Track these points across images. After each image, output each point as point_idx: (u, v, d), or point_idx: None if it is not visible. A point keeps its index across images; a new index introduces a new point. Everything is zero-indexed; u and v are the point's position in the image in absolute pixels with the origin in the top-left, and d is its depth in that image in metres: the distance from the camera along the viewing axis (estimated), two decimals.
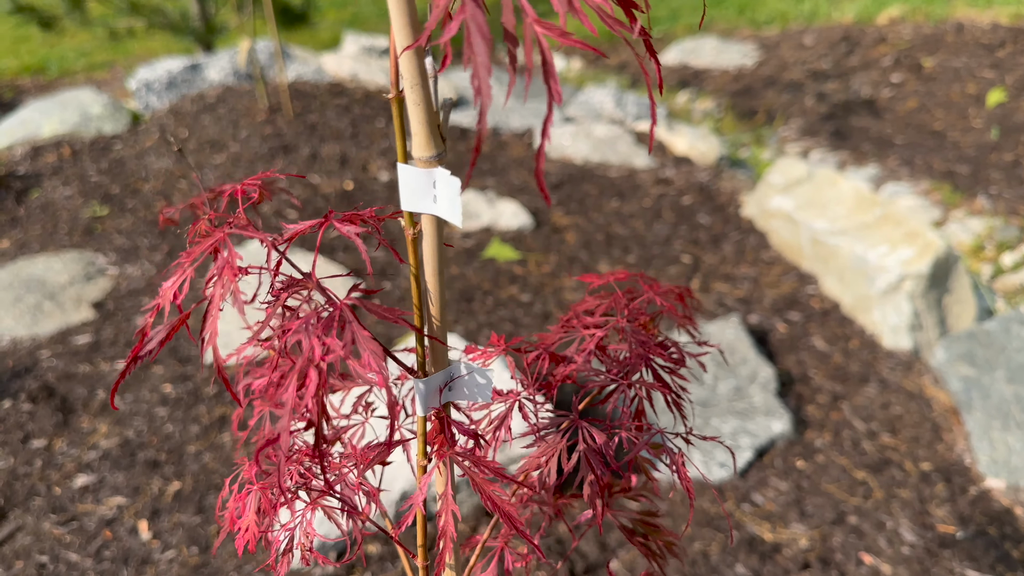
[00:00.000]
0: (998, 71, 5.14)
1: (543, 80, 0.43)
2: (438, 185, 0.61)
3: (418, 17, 0.54)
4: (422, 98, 0.57)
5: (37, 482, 2.30)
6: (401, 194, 0.62)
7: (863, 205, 3.23)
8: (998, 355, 2.70)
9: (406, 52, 0.54)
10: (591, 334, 0.73)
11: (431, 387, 0.69)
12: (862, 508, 2.22)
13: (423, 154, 0.60)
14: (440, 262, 0.68)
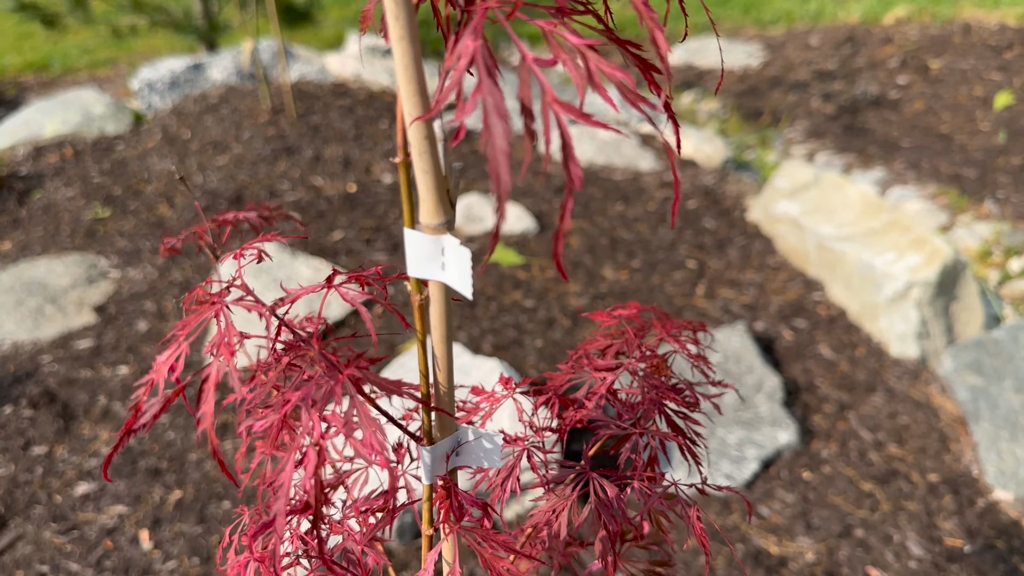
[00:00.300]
0: (1006, 73, 5.11)
1: (562, 162, 0.41)
2: (447, 252, 0.58)
3: (426, 84, 0.52)
4: (431, 166, 0.55)
5: (38, 490, 2.28)
6: (408, 260, 0.60)
7: (870, 211, 3.21)
8: (1006, 364, 2.67)
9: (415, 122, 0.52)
10: (602, 377, 0.71)
11: (437, 455, 0.67)
12: (869, 521, 2.20)
13: (431, 221, 0.58)
14: (448, 328, 0.65)
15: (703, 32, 6.93)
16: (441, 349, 0.65)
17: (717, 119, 5.16)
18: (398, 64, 0.50)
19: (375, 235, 3.35)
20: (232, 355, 0.58)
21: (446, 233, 0.58)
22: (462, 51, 0.41)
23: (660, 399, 0.71)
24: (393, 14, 0.48)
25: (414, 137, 0.53)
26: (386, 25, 0.49)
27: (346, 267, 3.14)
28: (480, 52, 0.41)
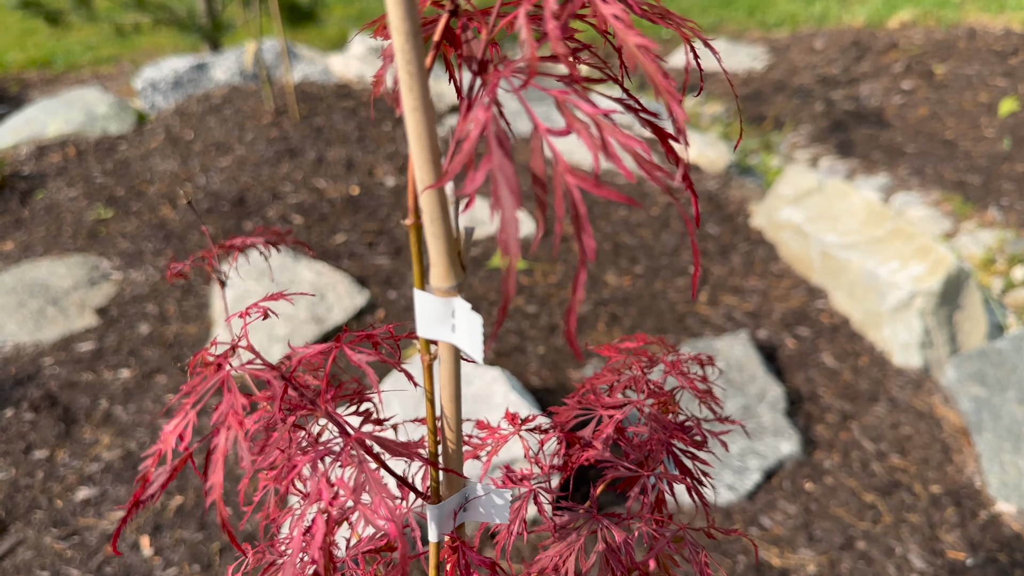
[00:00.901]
0: (1010, 79, 5.10)
1: (575, 234, 0.41)
2: (457, 315, 0.58)
3: (439, 149, 0.51)
4: (442, 231, 0.54)
5: (39, 494, 2.28)
6: (417, 321, 0.60)
7: (874, 218, 3.20)
8: (1009, 375, 2.67)
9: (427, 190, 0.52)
10: (609, 415, 0.70)
11: (445, 512, 0.66)
12: (871, 533, 2.20)
13: (442, 284, 0.57)
14: (457, 387, 0.64)
15: (707, 34, 6.91)
16: (450, 408, 0.65)
17: (721, 122, 5.15)
18: (411, 133, 0.50)
19: (378, 238, 3.35)
20: (240, 425, 0.57)
21: (457, 296, 0.58)
22: (473, 121, 0.41)
23: (668, 439, 0.70)
24: (407, 85, 0.47)
25: (426, 203, 0.52)
26: (398, 91, 0.49)
27: (348, 271, 3.13)
28: (491, 123, 0.40)
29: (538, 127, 0.40)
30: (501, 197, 0.39)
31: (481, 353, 0.56)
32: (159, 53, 6.88)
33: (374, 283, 3.08)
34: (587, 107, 0.41)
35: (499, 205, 0.39)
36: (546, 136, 0.40)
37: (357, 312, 2.92)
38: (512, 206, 0.39)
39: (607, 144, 0.40)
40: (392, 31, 0.46)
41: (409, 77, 0.47)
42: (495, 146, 0.40)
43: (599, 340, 2.84)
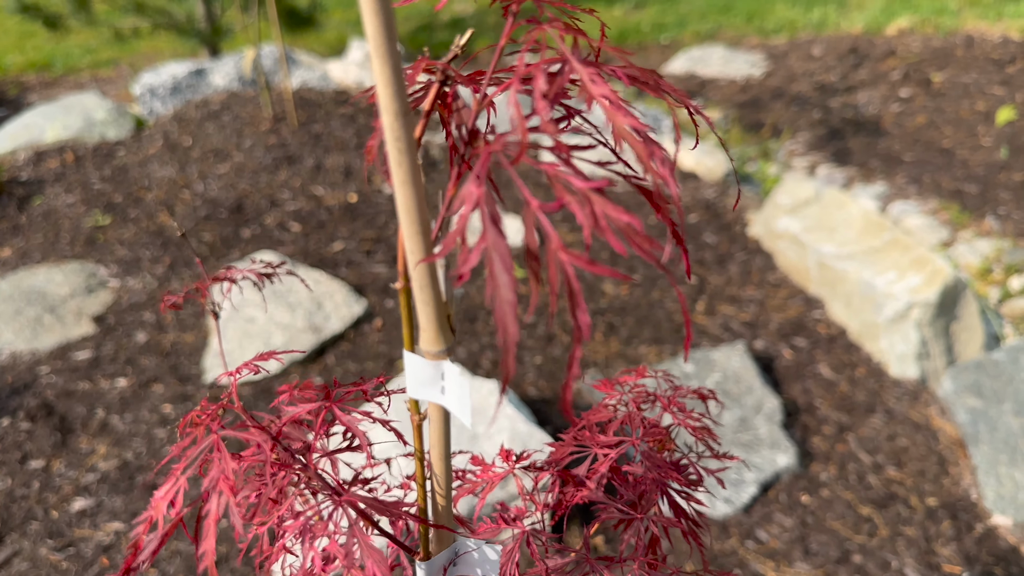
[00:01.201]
0: (1008, 88, 5.11)
1: (569, 310, 0.41)
2: (447, 378, 0.58)
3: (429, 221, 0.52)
4: (431, 298, 0.55)
5: (35, 505, 2.28)
6: (407, 382, 0.60)
7: (871, 229, 3.20)
8: (1006, 387, 2.67)
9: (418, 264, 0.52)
10: (604, 454, 0.71)
11: (434, 568, 0.66)
12: (867, 546, 2.20)
13: (432, 348, 0.58)
14: (447, 446, 0.65)
15: (706, 40, 6.92)
16: (440, 467, 0.65)
17: (719, 130, 5.16)
18: (400, 206, 0.50)
19: (376, 246, 3.35)
20: (232, 491, 0.57)
21: (446, 359, 0.58)
22: (465, 197, 0.41)
23: (662, 478, 0.70)
24: (396, 161, 0.48)
25: (416, 273, 0.53)
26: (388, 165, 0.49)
27: (346, 279, 3.13)
28: (484, 200, 0.40)
29: (531, 203, 0.40)
30: (496, 277, 0.39)
31: (470, 417, 0.56)
32: (158, 57, 6.88)
33: (372, 291, 3.08)
34: (579, 182, 0.41)
35: (495, 284, 0.39)
36: (538, 212, 0.40)
37: (355, 321, 2.92)
38: (508, 286, 0.39)
39: (598, 218, 0.40)
40: (381, 110, 0.47)
41: (398, 153, 0.48)
42: (489, 224, 0.40)
43: (596, 350, 2.84)
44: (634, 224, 0.41)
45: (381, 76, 0.46)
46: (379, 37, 0.45)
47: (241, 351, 2.75)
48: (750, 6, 7.60)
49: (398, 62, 0.46)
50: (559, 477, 0.70)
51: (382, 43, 0.45)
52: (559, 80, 0.45)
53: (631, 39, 7.07)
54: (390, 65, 0.45)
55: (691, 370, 2.72)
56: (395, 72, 0.46)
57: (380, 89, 0.46)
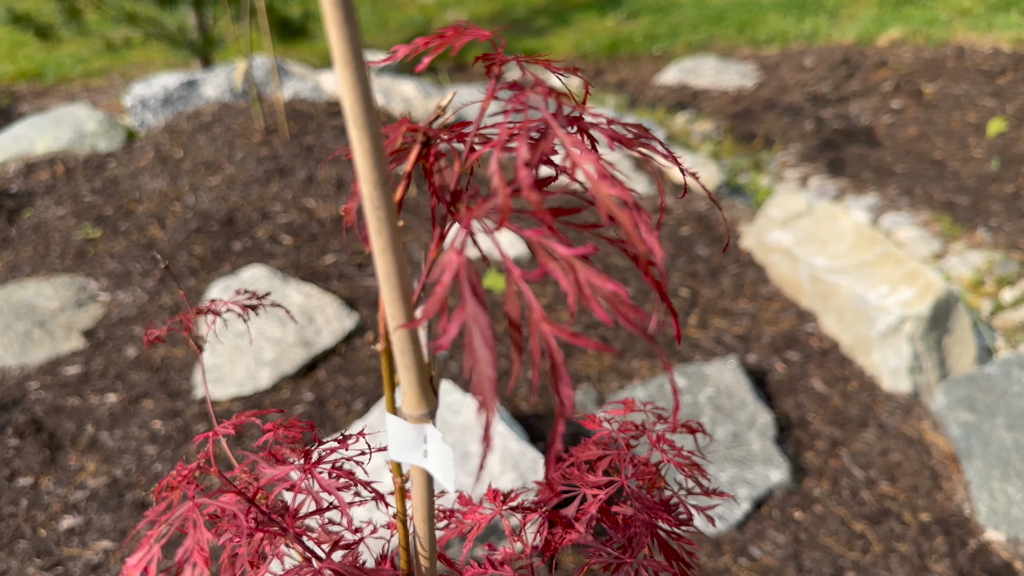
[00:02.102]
0: (999, 100, 5.12)
1: (551, 384, 0.40)
2: (429, 442, 0.57)
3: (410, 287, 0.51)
4: (413, 362, 0.54)
5: (23, 523, 2.26)
6: (389, 445, 0.59)
7: (863, 242, 3.20)
8: (998, 401, 2.67)
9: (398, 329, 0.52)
10: (593, 494, 0.70)
11: None
12: (860, 563, 2.19)
13: (414, 412, 0.57)
14: (430, 509, 0.64)
15: (698, 51, 6.93)
16: (423, 528, 0.64)
17: (711, 141, 5.16)
18: (380, 272, 0.50)
19: (367, 259, 3.34)
20: (207, 563, 0.57)
21: (429, 423, 0.57)
22: (446, 265, 0.40)
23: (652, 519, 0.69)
24: (376, 229, 0.47)
25: (396, 337, 0.52)
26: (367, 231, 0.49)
27: (338, 292, 3.12)
28: (464, 269, 0.40)
29: (512, 272, 0.39)
30: (476, 350, 0.38)
31: (453, 483, 0.55)
32: (150, 67, 6.86)
33: (364, 305, 3.07)
34: (562, 249, 0.41)
35: (473, 359, 0.39)
36: (520, 282, 0.39)
37: (346, 335, 2.91)
38: (488, 361, 0.38)
39: (582, 287, 0.39)
40: (360, 180, 0.46)
41: (378, 222, 0.47)
42: (468, 295, 0.39)
43: (589, 364, 2.84)
44: (619, 293, 0.40)
45: (359, 146, 0.45)
46: (356, 108, 0.45)
47: (231, 366, 2.74)
48: (742, 17, 7.62)
49: (377, 132, 0.46)
50: (547, 519, 0.69)
51: (360, 114, 0.45)
52: (541, 146, 0.45)
53: (623, 50, 7.08)
54: (369, 136, 0.45)
55: (684, 385, 2.71)
56: (374, 142, 0.45)
57: (358, 159, 0.46)
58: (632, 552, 0.66)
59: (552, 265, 0.40)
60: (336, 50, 0.44)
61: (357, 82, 0.44)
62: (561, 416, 0.39)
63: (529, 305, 0.39)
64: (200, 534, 0.58)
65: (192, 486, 0.67)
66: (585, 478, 0.70)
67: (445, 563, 0.77)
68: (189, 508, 0.61)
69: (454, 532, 0.73)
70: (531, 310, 0.39)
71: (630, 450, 0.74)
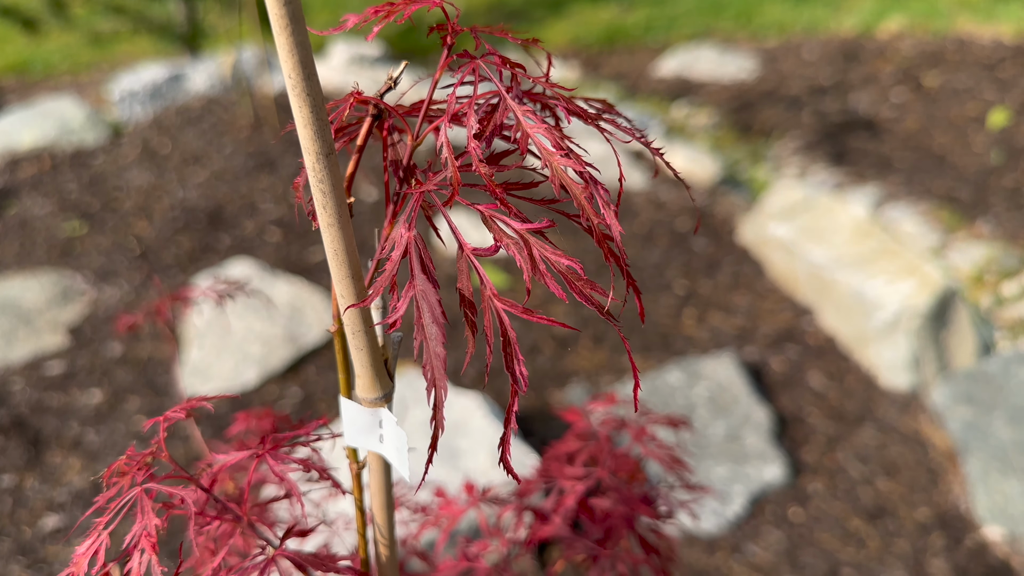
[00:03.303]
0: (999, 91, 5.07)
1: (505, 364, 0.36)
2: (384, 426, 0.54)
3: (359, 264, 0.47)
4: (365, 344, 0.51)
5: (7, 523, 2.22)
6: (344, 429, 0.56)
7: (862, 236, 3.16)
8: (997, 396, 2.63)
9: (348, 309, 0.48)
10: (571, 487, 0.65)
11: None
12: (857, 560, 2.15)
13: (368, 395, 0.54)
14: (388, 495, 0.60)
15: (696, 42, 6.88)
16: (382, 516, 0.61)
17: (709, 133, 5.11)
18: (328, 249, 0.47)
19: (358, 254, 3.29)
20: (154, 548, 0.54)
21: (383, 407, 0.54)
22: (396, 240, 0.37)
23: (631, 512, 0.65)
24: (320, 203, 0.44)
25: (347, 318, 0.49)
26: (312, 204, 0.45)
27: (327, 287, 3.07)
28: (414, 243, 0.36)
29: (463, 247, 0.36)
30: (425, 327, 0.35)
31: (408, 469, 0.51)
32: (137, 59, 6.80)
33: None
34: (516, 224, 0.37)
35: (423, 336, 0.35)
36: (471, 257, 0.35)
37: None
38: (437, 338, 0.35)
39: (536, 262, 0.35)
40: (304, 151, 0.43)
41: (322, 195, 0.44)
42: (418, 271, 0.36)
43: (584, 360, 2.79)
44: (575, 267, 0.36)
45: (300, 115, 0.42)
46: (296, 75, 0.41)
47: (219, 362, 2.69)
48: (740, 7, 7.56)
49: (319, 101, 0.42)
50: (523, 511, 0.65)
51: (300, 81, 0.41)
52: (495, 117, 0.41)
53: (620, 42, 7.02)
54: (309, 104, 0.42)
55: (678, 381, 2.66)
56: (316, 111, 0.42)
57: (301, 130, 0.42)
58: (610, 545, 0.62)
59: (506, 240, 0.36)
60: (273, 12, 0.40)
61: (296, 47, 0.41)
62: (514, 394, 0.35)
63: (481, 280, 0.35)
64: (148, 519, 0.56)
65: (143, 472, 0.64)
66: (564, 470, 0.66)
67: (420, 558, 0.73)
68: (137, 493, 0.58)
69: (429, 524, 0.69)
70: (484, 285, 0.36)
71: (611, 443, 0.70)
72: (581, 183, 0.39)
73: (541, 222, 0.38)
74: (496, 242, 0.37)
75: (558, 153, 0.39)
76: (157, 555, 0.57)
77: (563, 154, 0.40)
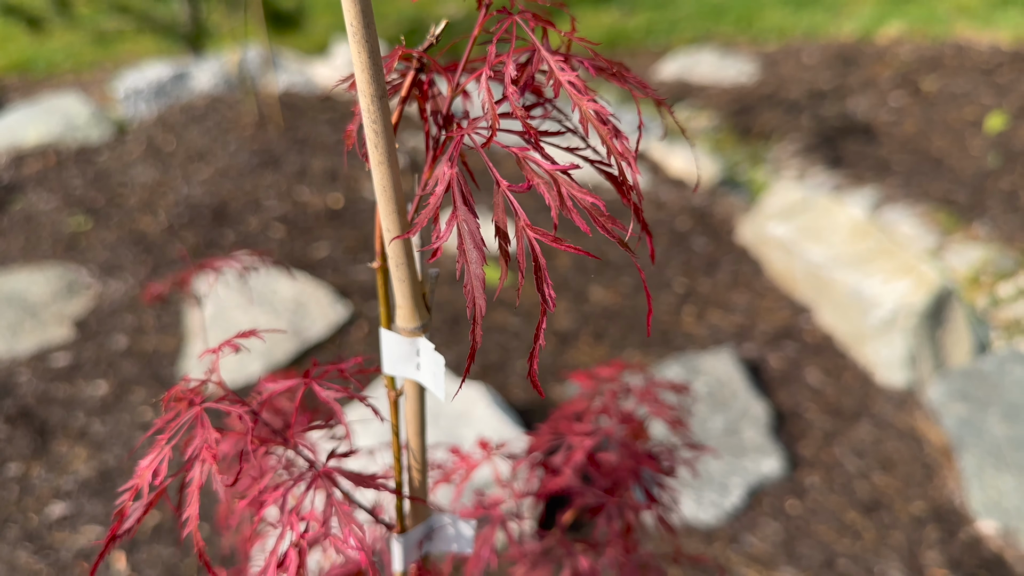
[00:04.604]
0: (997, 96, 5.12)
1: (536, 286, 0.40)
2: (422, 354, 0.58)
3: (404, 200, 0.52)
4: (407, 275, 0.55)
5: (13, 510, 2.25)
6: (383, 358, 0.61)
7: (859, 236, 3.20)
8: (992, 394, 2.66)
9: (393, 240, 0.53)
10: (580, 442, 0.69)
11: (410, 542, 0.66)
12: (853, 552, 2.18)
13: (407, 325, 0.58)
14: (422, 423, 0.65)
15: (696, 46, 6.92)
16: (416, 442, 0.65)
17: (709, 136, 5.15)
18: (377, 185, 0.51)
19: (361, 251, 3.32)
20: (214, 458, 0.58)
21: (422, 336, 0.58)
22: (439, 176, 0.41)
23: (636, 466, 0.69)
24: (373, 143, 0.48)
25: (392, 250, 0.53)
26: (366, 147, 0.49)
27: (332, 283, 3.11)
28: (456, 179, 0.40)
29: (500, 183, 0.39)
30: (467, 252, 0.39)
31: (443, 391, 0.56)
32: (141, 58, 6.84)
33: (356, 296, 3.06)
34: (546, 164, 0.41)
35: (465, 259, 0.39)
36: (507, 192, 0.39)
37: (339, 326, 2.90)
38: (478, 261, 0.39)
39: (564, 199, 0.39)
40: (359, 94, 0.47)
41: (375, 135, 0.48)
42: (460, 203, 0.40)
43: (584, 355, 2.82)
44: (598, 204, 0.40)
45: (359, 61, 0.46)
46: (357, 23, 0.46)
47: (222, 355, 2.72)
48: (741, 11, 7.61)
49: (375, 47, 0.47)
50: (536, 466, 0.69)
51: (360, 29, 0.46)
52: (528, 68, 0.45)
53: (621, 45, 7.07)
54: (367, 50, 0.46)
55: (677, 376, 2.70)
56: (372, 57, 0.46)
57: (358, 74, 0.47)
58: (617, 495, 0.66)
59: (537, 179, 0.40)
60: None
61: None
62: (544, 313, 0.39)
63: (516, 213, 0.39)
64: (208, 433, 0.60)
65: (199, 396, 0.69)
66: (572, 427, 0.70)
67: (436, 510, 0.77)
68: (196, 411, 0.62)
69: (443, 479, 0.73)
70: (518, 217, 0.39)
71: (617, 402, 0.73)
72: (605, 124, 0.43)
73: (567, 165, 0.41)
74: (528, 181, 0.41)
75: (586, 98, 0.43)
76: (217, 464, 0.61)
77: (590, 99, 0.43)
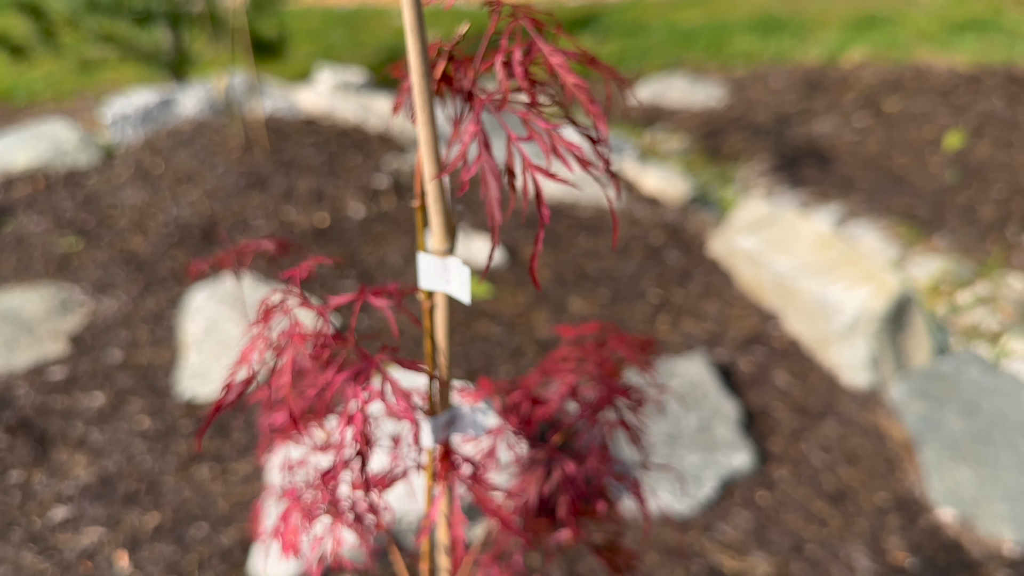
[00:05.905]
0: (954, 116, 5.34)
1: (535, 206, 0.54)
2: (451, 270, 0.74)
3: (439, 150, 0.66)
4: (441, 209, 0.71)
5: (17, 514, 2.33)
6: (420, 275, 0.76)
7: (823, 247, 3.36)
8: (950, 393, 2.81)
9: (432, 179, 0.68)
10: (564, 378, 0.83)
11: (439, 423, 0.82)
12: (820, 538, 2.31)
13: (440, 247, 0.74)
14: (448, 326, 0.81)
15: (668, 71, 7.13)
16: (443, 342, 0.82)
17: (681, 157, 5.33)
18: (421, 139, 0.67)
19: (347, 267, 3.45)
20: (303, 341, 0.72)
21: (451, 256, 0.74)
22: (466, 132, 0.55)
23: (611, 395, 0.83)
24: (420, 107, 0.63)
25: (430, 189, 0.69)
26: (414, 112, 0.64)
27: (320, 298, 3.22)
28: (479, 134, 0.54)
29: (510, 136, 0.53)
30: (488, 182, 0.53)
31: (469, 297, 0.71)
32: (122, 87, 6.96)
33: (345, 310, 3.18)
34: (542, 123, 0.55)
35: (486, 188, 0.53)
36: (517, 143, 0.53)
37: None
38: (495, 188, 0.52)
39: (556, 147, 0.53)
40: (411, 72, 0.63)
41: (422, 102, 0.64)
42: (483, 148, 0.54)
43: None
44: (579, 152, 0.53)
45: (413, 46, 0.62)
46: (412, 18, 0.61)
47: (217, 365, 2.83)
48: (710, 38, 7.85)
49: (424, 36, 0.62)
50: (530, 399, 0.83)
51: (415, 26, 0.61)
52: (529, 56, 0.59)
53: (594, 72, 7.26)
54: (419, 39, 0.61)
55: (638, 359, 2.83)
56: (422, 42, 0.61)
57: (411, 57, 0.62)
58: (594, 421, 0.79)
59: (535, 134, 0.54)
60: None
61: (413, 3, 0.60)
62: (541, 225, 0.52)
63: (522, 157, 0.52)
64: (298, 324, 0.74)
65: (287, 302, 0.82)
66: (559, 367, 0.83)
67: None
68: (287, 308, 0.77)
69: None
70: (523, 157, 0.53)
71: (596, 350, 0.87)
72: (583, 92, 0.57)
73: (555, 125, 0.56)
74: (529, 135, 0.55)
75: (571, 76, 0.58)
76: (305, 345, 0.75)
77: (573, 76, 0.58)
